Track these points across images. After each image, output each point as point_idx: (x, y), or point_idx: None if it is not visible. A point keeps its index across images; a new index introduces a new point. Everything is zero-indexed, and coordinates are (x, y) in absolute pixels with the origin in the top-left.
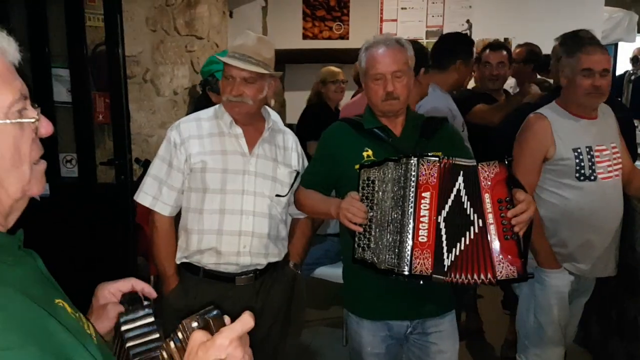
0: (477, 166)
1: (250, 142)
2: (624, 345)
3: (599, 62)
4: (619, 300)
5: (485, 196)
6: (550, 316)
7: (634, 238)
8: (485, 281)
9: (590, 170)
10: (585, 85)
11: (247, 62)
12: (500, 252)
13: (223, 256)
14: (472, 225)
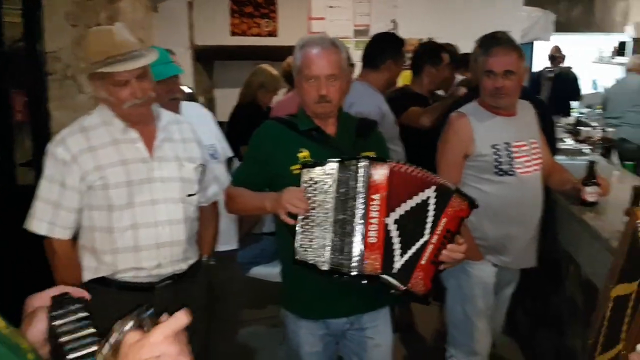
0: (454, 194)
1: (148, 145)
2: (550, 335)
3: (501, 64)
4: (544, 291)
5: (443, 220)
6: (476, 307)
7: (556, 230)
8: (398, 288)
9: (509, 166)
10: (488, 86)
11: (135, 59)
12: (422, 271)
13: (143, 271)
14: (421, 237)
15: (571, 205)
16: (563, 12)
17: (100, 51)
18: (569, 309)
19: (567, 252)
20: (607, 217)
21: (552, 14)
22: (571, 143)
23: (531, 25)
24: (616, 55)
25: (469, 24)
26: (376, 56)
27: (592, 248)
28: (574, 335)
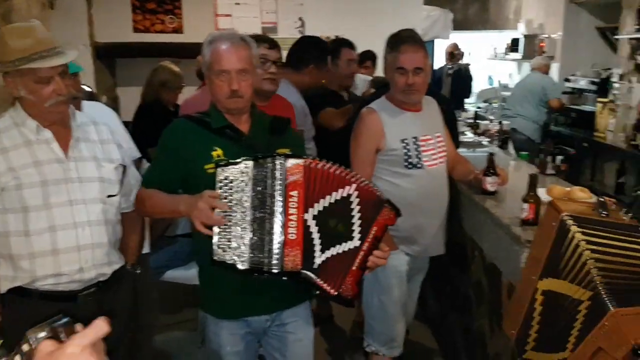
0: (385, 203)
1: (63, 145)
2: (459, 318)
3: (411, 61)
4: (452, 277)
5: (374, 228)
6: (392, 296)
7: (461, 218)
8: (328, 292)
9: (417, 159)
10: (400, 83)
11: (59, 55)
12: (351, 276)
13: (64, 277)
14: (351, 240)
15: (474, 194)
16: (460, 10)
17: (22, 48)
18: (475, 292)
19: (472, 239)
20: (507, 205)
21: (450, 13)
22: (471, 136)
23: (431, 24)
24: (509, 51)
25: (373, 22)
26: (300, 59)
27: (494, 234)
28: (481, 317)
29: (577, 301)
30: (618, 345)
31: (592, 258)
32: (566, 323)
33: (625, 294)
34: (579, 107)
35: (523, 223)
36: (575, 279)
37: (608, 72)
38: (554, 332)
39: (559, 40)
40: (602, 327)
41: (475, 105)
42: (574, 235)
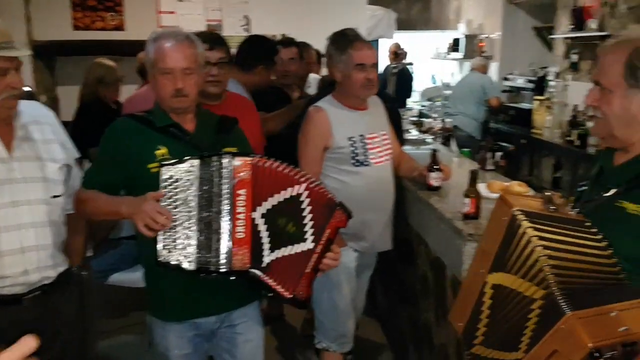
0: (337, 206)
1: (6, 144)
2: (406, 311)
3: (369, 57)
4: (399, 271)
5: (327, 231)
6: (342, 292)
7: (407, 213)
8: (283, 294)
9: (364, 157)
10: (361, 79)
11: (16, 48)
12: (305, 278)
13: (7, 279)
14: (304, 242)
15: (419, 190)
16: (403, 10)
17: None
18: (421, 286)
19: (417, 234)
20: (450, 199)
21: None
22: (416, 134)
23: (375, 23)
24: (451, 51)
25: (318, 21)
26: (248, 59)
27: (438, 228)
28: (427, 309)
29: (529, 299)
30: (574, 349)
31: (545, 255)
32: (518, 321)
33: (578, 296)
34: (517, 105)
35: (465, 217)
36: (526, 275)
37: (544, 71)
38: (505, 329)
39: (497, 40)
40: (557, 330)
41: (420, 104)
42: (526, 230)
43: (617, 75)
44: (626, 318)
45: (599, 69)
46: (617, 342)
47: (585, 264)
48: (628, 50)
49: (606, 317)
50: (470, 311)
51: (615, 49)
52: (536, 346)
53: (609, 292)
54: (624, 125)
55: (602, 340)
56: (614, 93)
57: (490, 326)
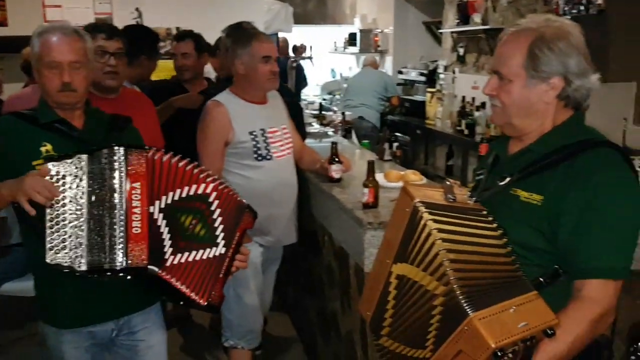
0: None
1: None
2: (313, 301)
3: (274, 50)
4: (305, 263)
5: (237, 234)
6: (248, 288)
7: (310, 206)
8: (196, 301)
9: (266, 151)
10: (266, 72)
11: None
12: (219, 283)
13: None
14: (215, 246)
15: (321, 182)
16: (300, 5)
17: None
18: (327, 276)
19: (321, 225)
20: (351, 190)
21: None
22: (317, 127)
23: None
24: (348, 45)
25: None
26: (129, 50)
27: (341, 219)
28: (333, 299)
29: (431, 294)
30: (479, 350)
31: (444, 249)
32: (422, 317)
33: (480, 294)
34: (412, 97)
35: (364, 206)
36: (428, 269)
37: (435, 64)
38: (410, 323)
39: (391, 34)
40: (461, 331)
41: (320, 97)
42: (426, 223)
43: (517, 65)
44: (524, 312)
45: (497, 59)
46: (518, 339)
47: (483, 255)
48: (528, 40)
49: (506, 314)
50: (377, 301)
51: (514, 38)
52: (442, 347)
53: (506, 286)
54: (523, 115)
55: (505, 339)
56: (514, 83)
57: (396, 317)
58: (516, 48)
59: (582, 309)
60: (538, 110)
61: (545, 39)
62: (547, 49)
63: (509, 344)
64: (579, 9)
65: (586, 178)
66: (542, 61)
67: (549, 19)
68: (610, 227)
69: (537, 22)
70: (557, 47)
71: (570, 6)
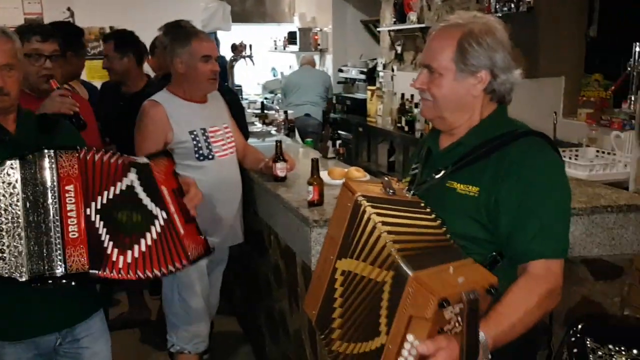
0: (150, 163)
1: None
2: (262, 302)
3: (214, 49)
4: (252, 263)
5: (163, 189)
6: (193, 291)
7: (256, 205)
8: (180, 267)
9: (208, 150)
10: (207, 71)
11: None
12: (186, 236)
13: None
14: (157, 219)
15: (266, 182)
16: (237, 3)
17: None
18: (274, 276)
19: (267, 225)
20: (296, 189)
21: (228, 5)
22: (260, 126)
23: (210, 15)
24: (288, 44)
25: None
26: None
27: (287, 217)
28: (281, 298)
29: (380, 284)
30: (425, 304)
31: (391, 240)
32: (372, 308)
33: (419, 259)
34: (353, 95)
35: (310, 205)
36: (375, 262)
37: (374, 62)
38: (362, 318)
39: (330, 33)
40: (407, 295)
41: (262, 96)
42: (370, 216)
43: (447, 59)
44: (463, 272)
45: (428, 53)
46: (460, 291)
47: (423, 235)
48: (458, 35)
49: (446, 273)
50: (322, 299)
51: (445, 33)
52: (394, 322)
53: (443, 254)
54: (453, 108)
55: (447, 290)
56: (444, 76)
57: (346, 316)
58: (446, 43)
59: (530, 285)
60: (467, 104)
61: (474, 34)
62: (475, 44)
63: (452, 294)
64: (510, 6)
65: (519, 166)
66: (471, 55)
67: (476, 16)
68: (546, 210)
69: (465, 18)
70: (485, 42)
71: (501, 4)
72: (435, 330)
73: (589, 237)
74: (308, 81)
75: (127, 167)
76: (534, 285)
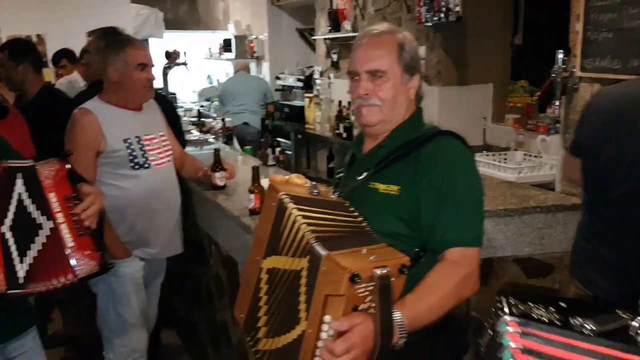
0: (35, 166)
1: None
2: (203, 313)
3: (150, 58)
4: (193, 274)
5: (51, 196)
6: (130, 305)
7: (195, 215)
8: (67, 283)
9: (144, 159)
10: (143, 79)
11: None
12: (76, 250)
13: None
14: (41, 229)
15: (205, 191)
16: (170, 10)
17: None
18: (216, 286)
19: (208, 234)
20: (236, 197)
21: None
22: (197, 134)
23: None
24: (224, 51)
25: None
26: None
27: (228, 226)
28: (223, 309)
29: (298, 271)
30: (338, 281)
31: (309, 230)
32: (292, 297)
33: (334, 242)
34: (291, 103)
35: (251, 213)
36: (295, 253)
37: (311, 70)
38: (284, 311)
39: (266, 41)
40: (321, 275)
41: (198, 104)
42: (291, 212)
43: (393, 63)
44: (375, 253)
45: (369, 60)
46: (372, 267)
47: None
48: (395, 41)
49: (359, 253)
50: (250, 301)
51: (381, 40)
52: (311, 304)
53: (358, 238)
54: (397, 110)
55: (359, 265)
56: (390, 80)
57: (270, 312)
58: (387, 48)
59: (446, 270)
60: (403, 106)
61: (408, 40)
62: (412, 50)
63: (363, 269)
64: (440, 16)
65: (434, 163)
66: (409, 60)
67: (392, 26)
68: (461, 202)
69: (390, 28)
70: (415, 48)
71: (431, 14)
72: (350, 307)
73: (520, 237)
74: (245, 88)
75: (13, 173)
76: (451, 270)
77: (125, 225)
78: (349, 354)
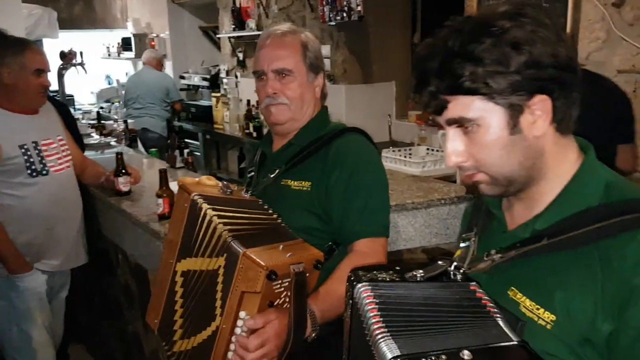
0: None
1: None
2: (113, 325)
3: (47, 63)
4: (99, 285)
5: None
6: (34, 321)
7: (99, 223)
8: None
9: (42, 165)
10: (38, 85)
11: None
12: None
13: None
14: None
15: (108, 197)
16: (64, 9)
17: None
18: (125, 296)
19: (113, 243)
20: (143, 202)
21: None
22: (97, 137)
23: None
24: (123, 50)
25: None
26: None
27: (135, 233)
28: (134, 319)
29: (215, 270)
30: (255, 278)
31: (226, 229)
32: (208, 297)
33: (250, 239)
34: (197, 102)
35: (160, 218)
36: (212, 253)
37: (217, 69)
38: (200, 311)
39: (167, 39)
40: (239, 272)
41: (97, 106)
42: (206, 212)
43: (299, 62)
44: (291, 250)
45: (274, 59)
46: (288, 263)
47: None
48: (299, 41)
49: (275, 250)
50: (164, 305)
51: (286, 39)
52: (227, 300)
53: (275, 235)
54: (305, 109)
55: (275, 263)
56: (297, 79)
57: (186, 314)
58: (292, 48)
59: (354, 261)
60: (310, 104)
61: (311, 40)
62: (315, 49)
63: (280, 266)
64: (342, 15)
65: (343, 158)
66: (313, 59)
67: (294, 26)
68: (367, 195)
69: (292, 28)
70: (318, 47)
71: (334, 13)
72: (265, 304)
73: (427, 228)
74: (144, 88)
75: None
76: (360, 260)
77: (25, 236)
78: (262, 349)
